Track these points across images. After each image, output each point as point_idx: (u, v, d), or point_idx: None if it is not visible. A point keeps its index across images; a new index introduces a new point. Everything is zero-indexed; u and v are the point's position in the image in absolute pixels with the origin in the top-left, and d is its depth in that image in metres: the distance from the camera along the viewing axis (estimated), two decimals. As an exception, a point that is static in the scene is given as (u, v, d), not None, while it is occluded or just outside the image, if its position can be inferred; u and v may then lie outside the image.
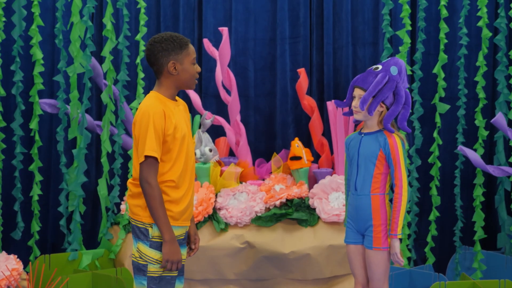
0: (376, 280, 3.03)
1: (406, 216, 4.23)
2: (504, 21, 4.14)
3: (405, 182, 2.95)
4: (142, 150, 2.64)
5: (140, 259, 2.71)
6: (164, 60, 2.70)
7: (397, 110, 3.01)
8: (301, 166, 4.40)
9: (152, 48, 2.72)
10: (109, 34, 4.21)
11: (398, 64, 3.03)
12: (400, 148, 2.97)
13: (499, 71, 4.17)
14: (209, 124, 4.48)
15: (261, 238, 4.12)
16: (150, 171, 2.65)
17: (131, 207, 2.75)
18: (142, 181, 2.65)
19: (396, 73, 2.99)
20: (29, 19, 4.30)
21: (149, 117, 2.64)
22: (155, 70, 2.74)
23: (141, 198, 2.71)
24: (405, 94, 3.03)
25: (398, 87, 3.00)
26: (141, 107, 2.70)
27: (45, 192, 4.70)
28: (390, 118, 3.01)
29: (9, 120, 4.56)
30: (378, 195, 3.01)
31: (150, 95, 2.75)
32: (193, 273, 4.15)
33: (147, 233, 2.71)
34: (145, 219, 2.71)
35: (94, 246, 4.65)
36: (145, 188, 2.65)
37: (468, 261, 4.39)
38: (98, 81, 4.50)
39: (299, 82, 4.59)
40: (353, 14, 4.85)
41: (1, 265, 3.85)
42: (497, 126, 3.90)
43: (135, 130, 2.69)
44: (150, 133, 2.63)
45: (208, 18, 4.88)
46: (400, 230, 2.94)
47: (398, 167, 2.96)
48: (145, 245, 2.71)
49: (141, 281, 2.71)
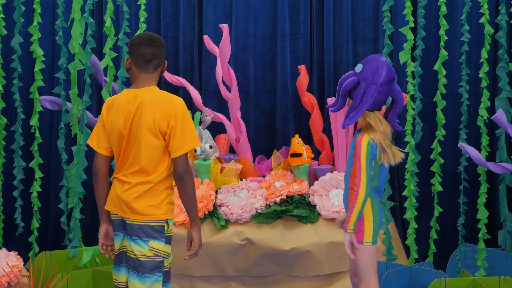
0: (360, 273, 3.10)
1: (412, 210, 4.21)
2: (505, 17, 4.14)
3: (363, 182, 2.97)
4: (187, 142, 2.69)
5: (156, 256, 2.73)
6: (163, 58, 2.83)
7: (353, 105, 3.02)
8: (302, 163, 4.40)
9: (158, 44, 2.80)
10: (109, 31, 4.21)
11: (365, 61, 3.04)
12: (364, 148, 2.98)
13: (501, 68, 4.17)
14: (210, 121, 4.48)
15: (261, 234, 4.13)
16: (187, 161, 2.74)
17: (141, 208, 2.71)
18: (184, 172, 2.71)
19: (359, 70, 3.03)
20: (29, 16, 4.29)
21: (186, 110, 2.75)
22: (152, 65, 2.79)
23: (153, 196, 2.72)
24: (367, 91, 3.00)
25: (359, 83, 3.02)
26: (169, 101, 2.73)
27: (45, 189, 4.70)
28: (347, 114, 3.05)
29: (10, 116, 4.56)
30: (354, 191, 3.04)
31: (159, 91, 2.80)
32: (193, 270, 4.15)
33: (162, 230, 2.73)
34: (162, 217, 2.73)
35: (95, 243, 4.66)
36: (188, 179, 2.72)
37: (468, 258, 4.39)
38: (98, 78, 4.50)
39: (299, 79, 4.58)
40: (354, 11, 4.85)
41: (2, 261, 3.84)
42: (498, 122, 3.89)
43: (171, 122, 2.69)
44: (192, 125, 2.72)
45: (208, 15, 4.88)
46: (351, 226, 3.00)
47: (358, 166, 3.00)
48: (160, 241, 2.73)
49: (157, 278, 2.73)
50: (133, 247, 2.72)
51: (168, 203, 2.76)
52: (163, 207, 2.73)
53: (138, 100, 2.72)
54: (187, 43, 4.94)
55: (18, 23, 4.16)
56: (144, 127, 2.69)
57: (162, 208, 2.73)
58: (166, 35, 4.92)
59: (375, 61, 3.02)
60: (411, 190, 4.21)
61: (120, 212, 2.75)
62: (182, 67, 4.93)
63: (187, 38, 4.94)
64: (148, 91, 2.75)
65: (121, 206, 2.74)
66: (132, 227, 2.72)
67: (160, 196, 2.73)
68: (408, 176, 4.21)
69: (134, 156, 2.73)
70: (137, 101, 2.72)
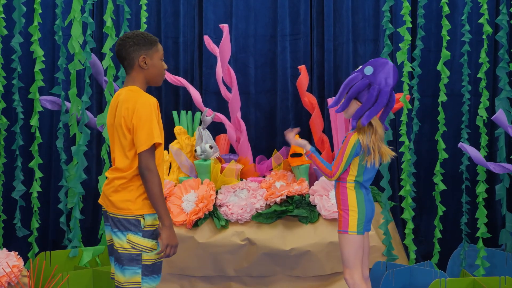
0: (344, 261, 3.23)
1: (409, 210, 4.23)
2: (506, 18, 4.14)
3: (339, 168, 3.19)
4: (147, 138, 2.69)
5: (133, 249, 2.77)
6: (135, 54, 2.83)
7: (365, 107, 3.15)
8: (302, 163, 4.40)
9: (123, 43, 2.85)
10: (109, 31, 4.21)
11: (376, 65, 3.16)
12: (350, 144, 3.18)
13: (501, 68, 4.17)
14: (210, 121, 4.48)
15: (261, 235, 4.13)
16: (152, 158, 2.72)
17: (117, 202, 2.78)
18: (145, 169, 2.70)
19: (370, 73, 3.13)
20: (29, 16, 4.29)
21: (150, 107, 2.73)
22: (126, 65, 2.85)
23: (129, 191, 2.78)
24: (381, 94, 3.14)
25: (371, 86, 3.13)
26: (135, 99, 2.75)
27: (45, 189, 4.70)
28: (357, 114, 3.18)
29: (10, 117, 4.56)
30: (340, 183, 3.26)
31: (135, 89, 2.81)
32: (193, 270, 4.15)
33: (138, 224, 2.77)
34: (137, 212, 2.77)
35: (95, 243, 4.66)
36: (148, 175, 2.71)
37: (469, 258, 4.39)
38: (98, 78, 4.49)
39: (299, 79, 4.58)
40: (354, 11, 4.85)
41: (2, 261, 3.84)
42: (498, 123, 3.89)
43: (133, 119, 2.72)
44: (154, 122, 2.71)
45: (209, 15, 4.88)
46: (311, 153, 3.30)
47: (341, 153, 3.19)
48: (137, 235, 2.77)
49: (135, 270, 2.78)
50: (114, 239, 2.81)
51: (146, 198, 2.80)
52: (139, 202, 2.78)
53: (117, 99, 2.82)
54: (187, 43, 4.94)
55: (18, 23, 4.16)
56: (117, 124, 2.79)
57: (138, 203, 2.78)
58: (167, 35, 4.92)
59: (385, 65, 3.16)
60: (407, 190, 4.22)
61: (104, 205, 2.87)
62: (182, 67, 4.93)
63: (188, 38, 4.94)
64: (125, 89, 2.83)
65: (104, 199, 2.86)
66: (113, 220, 2.81)
67: (136, 192, 2.78)
68: (405, 176, 4.22)
69: (114, 152, 2.85)
70: (117, 99, 2.82)
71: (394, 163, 4.70)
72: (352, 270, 3.20)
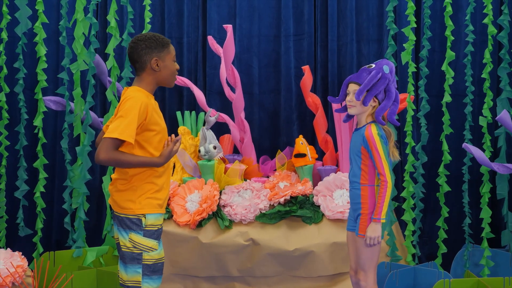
0: (361, 265, 3.19)
1: (410, 212, 4.23)
2: (508, 18, 4.13)
3: (387, 169, 3.08)
4: (115, 129, 2.69)
5: (134, 248, 2.80)
6: (147, 57, 2.84)
7: (387, 105, 3.18)
8: (306, 163, 4.40)
9: (135, 45, 2.86)
10: (113, 31, 4.21)
11: (389, 64, 3.24)
12: (376, 138, 3.10)
13: (502, 68, 4.16)
14: (214, 121, 4.48)
15: (265, 235, 4.13)
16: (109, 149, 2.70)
17: (120, 202, 2.82)
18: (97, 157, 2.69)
19: (388, 72, 3.19)
20: (33, 16, 4.29)
21: (138, 105, 2.73)
22: (138, 67, 2.87)
23: (130, 191, 2.81)
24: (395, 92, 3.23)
25: (389, 84, 3.20)
26: (130, 95, 2.78)
27: (49, 190, 4.70)
28: (381, 111, 3.18)
29: (14, 116, 4.56)
30: (367, 186, 3.15)
31: (136, 89, 2.83)
32: (197, 270, 4.15)
33: (140, 223, 2.81)
34: (138, 211, 2.80)
35: (99, 243, 4.66)
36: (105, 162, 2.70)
37: (472, 258, 4.38)
38: (102, 78, 4.50)
39: (303, 79, 4.58)
40: (358, 11, 4.84)
41: (6, 262, 3.86)
42: (502, 123, 3.88)
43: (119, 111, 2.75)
44: (132, 120, 2.71)
45: (212, 15, 4.88)
46: (384, 215, 3.07)
47: (377, 156, 3.09)
48: (139, 234, 2.80)
49: (136, 269, 2.81)
50: (119, 237, 2.85)
51: (148, 197, 2.82)
52: (141, 201, 2.81)
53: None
54: (191, 44, 4.94)
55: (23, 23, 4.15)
56: None
57: (139, 202, 2.81)
58: (171, 35, 4.92)
59: (390, 63, 3.23)
60: (410, 192, 4.22)
61: (111, 204, 2.91)
62: (186, 67, 4.93)
63: (191, 39, 4.94)
64: (129, 89, 2.86)
65: (111, 198, 2.91)
66: (117, 218, 2.85)
67: (137, 191, 2.81)
68: (407, 177, 4.21)
69: None
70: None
71: (399, 164, 4.69)
72: (367, 274, 3.18)
